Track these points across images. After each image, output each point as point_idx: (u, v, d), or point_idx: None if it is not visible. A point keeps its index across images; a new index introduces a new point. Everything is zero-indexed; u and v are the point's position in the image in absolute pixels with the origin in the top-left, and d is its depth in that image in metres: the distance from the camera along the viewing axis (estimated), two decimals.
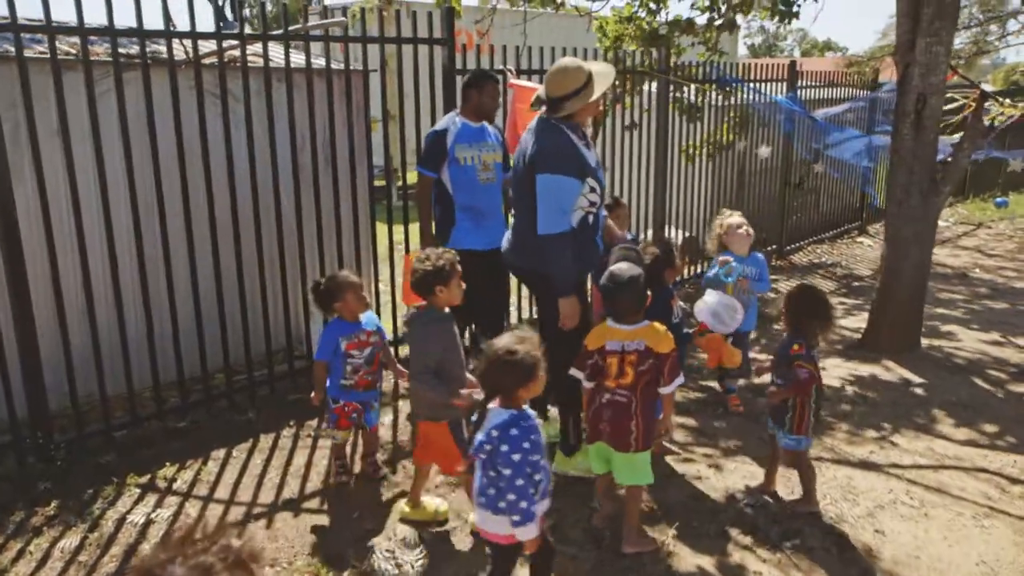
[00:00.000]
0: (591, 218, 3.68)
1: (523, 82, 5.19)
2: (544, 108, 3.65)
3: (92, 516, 3.50)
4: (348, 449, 3.97)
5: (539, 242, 3.50)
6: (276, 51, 4.93)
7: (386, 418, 4.52)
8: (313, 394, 3.71)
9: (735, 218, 4.59)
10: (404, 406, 4.73)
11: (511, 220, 4.06)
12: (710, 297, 4.04)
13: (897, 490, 3.73)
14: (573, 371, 3.29)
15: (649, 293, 3.23)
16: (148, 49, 4.10)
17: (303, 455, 4.09)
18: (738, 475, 3.87)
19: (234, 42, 4.37)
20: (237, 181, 4.45)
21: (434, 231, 4.69)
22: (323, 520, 3.50)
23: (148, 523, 3.46)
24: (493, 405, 2.55)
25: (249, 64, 4.42)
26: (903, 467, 3.96)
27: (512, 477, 2.43)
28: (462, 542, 3.34)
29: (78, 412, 4.05)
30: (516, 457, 2.43)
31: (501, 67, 5.45)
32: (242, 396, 4.67)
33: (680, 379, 3.18)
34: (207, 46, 4.45)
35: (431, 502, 3.52)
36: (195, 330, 4.41)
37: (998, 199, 13.57)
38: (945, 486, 3.78)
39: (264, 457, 4.07)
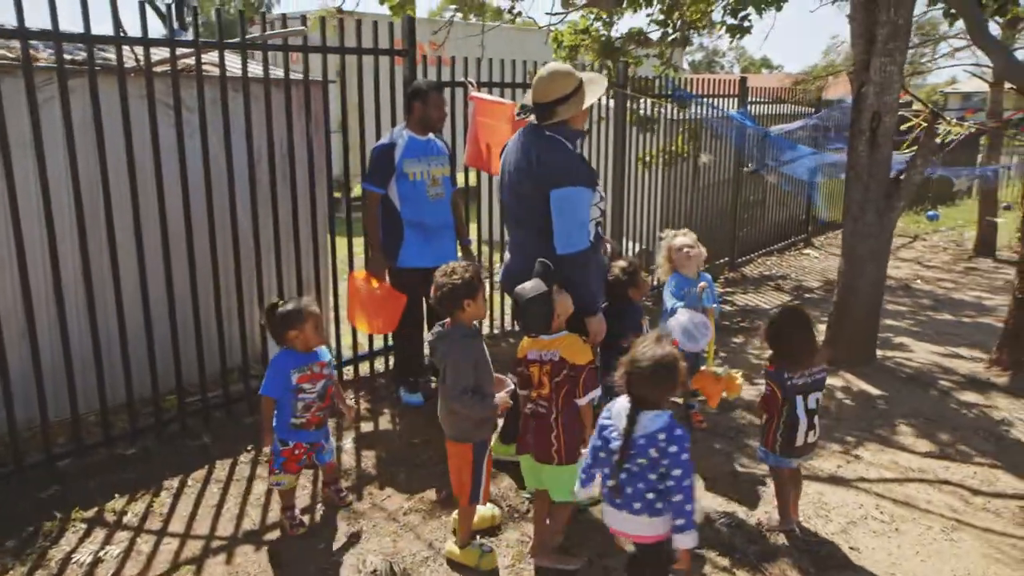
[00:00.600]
0: (600, 229, 3.56)
1: (485, 95, 5.12)
2: (532, 116, 3.51)
3: (32, 557, 3.24)
4: (298, 492, 3.79)
5: (557, 262, 3.26)
6: (232, 60, 4.75)
7: (346, 442, 4.37)
8: (263, 436, 3.39)
9: (684, 238, 4.43)
10: (366, 427, 4.58)
11: (506, 243, 3.85)
12: (681, 316, 4.01)
13: (867, 505, 3.75)
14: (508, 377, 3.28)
15: (548, 309, 3.10)
16: (96, 56, 3.89)
17: (263, 482, 3.89)
18: (708, 494, 3.84)
19: (188, 50, 4.17)
20: (191, 194, 4.26)
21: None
22: (287, 552, 3.33)
23: (96, 562, 3.23)
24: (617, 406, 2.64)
25: (204, 73, 4.23)
26: (871, 481, 3.99)
27: (682, 478, 2.49)
28: (436, 572, 3.21)
29: (16, 440, 3.79)
30: (685, 457, 2.50)
31: (463, 79, 5.37)
32: (196, 420, 4.45)
33: (595, 392, 3.08)
34: (159, 54, 4.24)
35: (485, 510, 3.45)
36: (145, 349, 4.19)
37: (929, 212, 14.07)
38: (912, 499, 3.82)
39: (221, 486, 3.87)
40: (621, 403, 2.64)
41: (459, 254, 4.85)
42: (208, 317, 4.47)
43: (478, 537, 3.35)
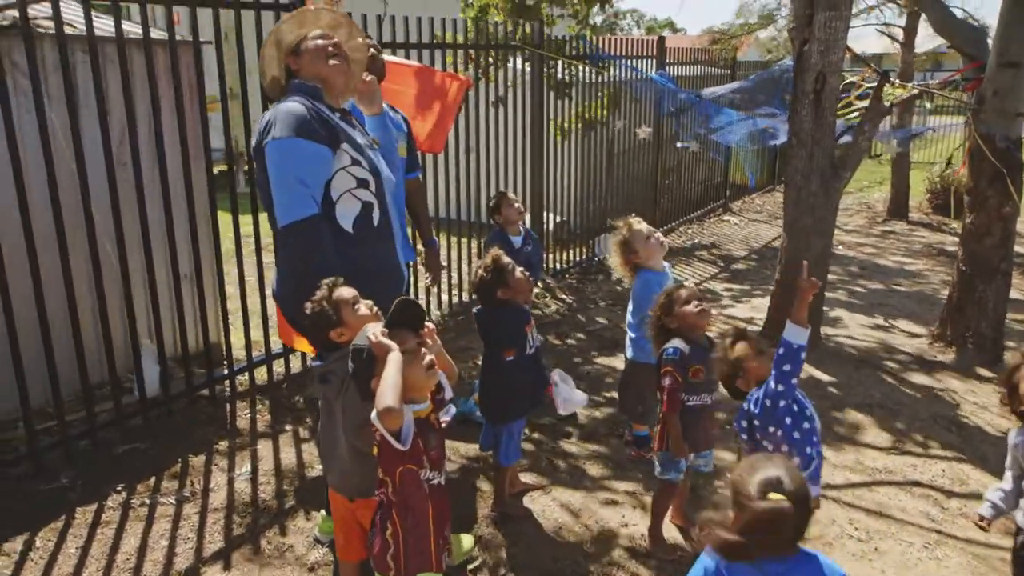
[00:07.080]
0: (376, 215, 2.70)
1: (389, 57, 4.42)
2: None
3: None
4: None
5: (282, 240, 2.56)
6: (74, 13, 3.91)
7: (242, 470, 3.69)
8: None
9: (643, 224, 3.74)
10: (264, 449, 3.89)
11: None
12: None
13: (840, 519, 3.36)
14: None
15: None
16: None
17: (136, 533, 3.18)
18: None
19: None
20: (30, 181, 3.44)
21: None
22: None
23: None
24: None
25: (38, 29, 3.39)
26: (838, 487, 3.61)
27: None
28: None
29: None
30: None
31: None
32: (54, 454, 3.67)
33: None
34: None
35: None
36: None
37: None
38: (886, 508, 3.46)
39: (80, 543, 3.12)
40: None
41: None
42: (60, 327, 3.67)
43: None
